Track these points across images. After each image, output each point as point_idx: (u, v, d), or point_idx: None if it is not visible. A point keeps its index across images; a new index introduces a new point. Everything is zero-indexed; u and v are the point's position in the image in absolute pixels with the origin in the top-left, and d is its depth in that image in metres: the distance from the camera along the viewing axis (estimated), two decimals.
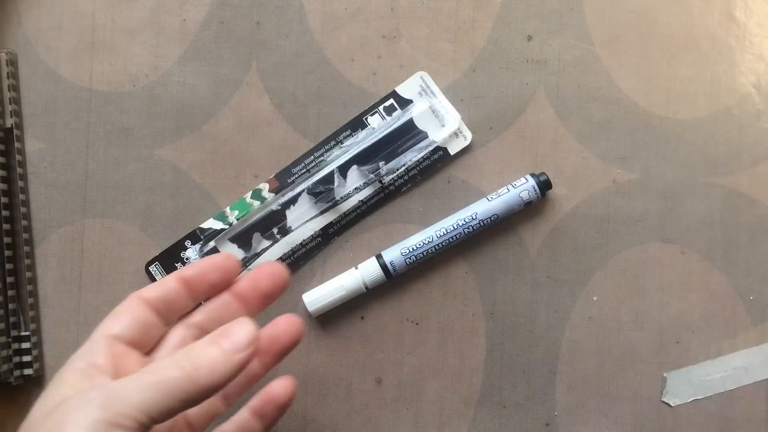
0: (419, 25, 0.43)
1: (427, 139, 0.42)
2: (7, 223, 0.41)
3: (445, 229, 0.40)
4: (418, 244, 0.40)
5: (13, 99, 0.42)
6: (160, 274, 0.42)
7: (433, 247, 0.40)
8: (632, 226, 0.43)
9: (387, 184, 0.42)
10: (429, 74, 0.42)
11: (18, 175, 0.41)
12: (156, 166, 0.43)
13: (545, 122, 0.43)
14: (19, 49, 0.43)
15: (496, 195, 0.40)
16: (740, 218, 0.43)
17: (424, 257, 0.40)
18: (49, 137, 0.43)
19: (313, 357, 0.42)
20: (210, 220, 0.42)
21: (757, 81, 0.43)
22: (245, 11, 0.43)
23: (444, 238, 0.40)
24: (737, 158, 0.43)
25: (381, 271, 0.40)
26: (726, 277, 0.42)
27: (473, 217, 0.40)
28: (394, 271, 0.40)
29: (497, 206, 0.40)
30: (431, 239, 0.40)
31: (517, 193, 0.40)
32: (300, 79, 0.43)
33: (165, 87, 0.43)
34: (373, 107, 0.42)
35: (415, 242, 0.40)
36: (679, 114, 0.43)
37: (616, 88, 0.43)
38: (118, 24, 0.43)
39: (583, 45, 0.43)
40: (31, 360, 0.41)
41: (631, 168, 0.43)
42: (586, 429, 0.42)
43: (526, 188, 0.40)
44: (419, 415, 0.42)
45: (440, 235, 0.40)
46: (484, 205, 0.40)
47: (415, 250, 0.40)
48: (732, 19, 0.43)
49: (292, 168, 0.42)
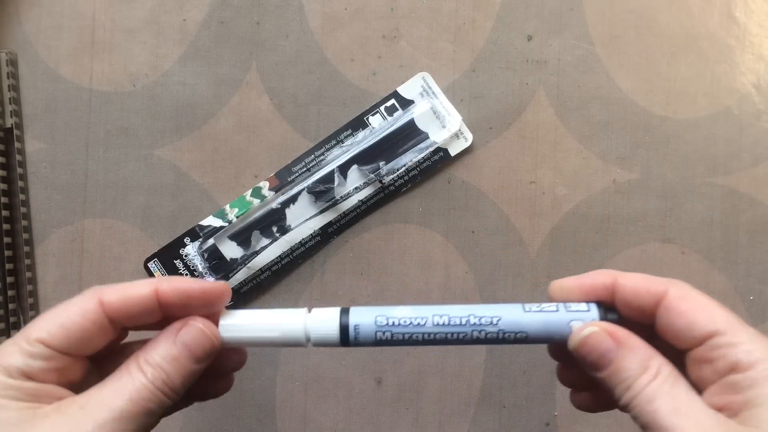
0: (419, 25, 0.43)
1: (427, 139, 0.42)
2: (7, 223, 0.41)
3: (448, 319, 0.28)
4: (404, 322, 0.28)
5: (13, 99, 0.42)
6: (158, 271, 0.42)
7: (423, 335, 0.28)
8: (632, 226, 0.43)
9: (387, 184, 0.42)
10: (429, 74, 0.42)
11: (18, 175, 0.41)
12: (156, 166, 0.43)
13: (545, 122, 0.43)
14: (19, 49, 0.43)
15: (538, 308, 0.28)
16: (740, 218, 0.43)
17: (402, 341, 0.28)
18: (49, 137, 0.43)
19: (313, 357, 0.42)
20: (209, 217, 0.42)
21: (757, 81, 0.43)
22: (245, 11, 0.43)
23: (442, 330, 0.28)
24: (737, 158, 0.43)
25: (337, 332, 0.28)
26: (726, 277, 0.42)
27: (493, 321, 0.28)
28: (354, 339, 0.28)
29: (532, 323, 0.28)
30: (424, 322, 0.28)
31: (568, 319, 0.28)
32: (300, 79, 0.43)
33: (165, 87, 0.43)
34: (374, 107, 0.42)
35: (400, 317, 0.28)
36: (679, 114, 0.43)
37: (616, 88, 0.43)
38: (118, 24, 0.43)
39: (583, 45, 0.43)
40: None
41: (631, 168, 0.43)
42: (586, 429, 0.42)
43: (583, 318, 0.28)
44: (419, 415, 0.42)
45: (439, 323, 0.28)
46: (514, 313, 0.28)
47: (395, 326, 0.28)
48: (732, 19, 0.43)
49: (292, 167, 0.42)
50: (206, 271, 0.42)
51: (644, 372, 0.25)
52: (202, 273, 0.42)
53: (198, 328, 0.27)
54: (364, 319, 0.28)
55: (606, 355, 0.26)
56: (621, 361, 0.26)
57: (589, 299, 0.28)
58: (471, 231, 0.42)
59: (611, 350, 0.26)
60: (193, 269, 0.42)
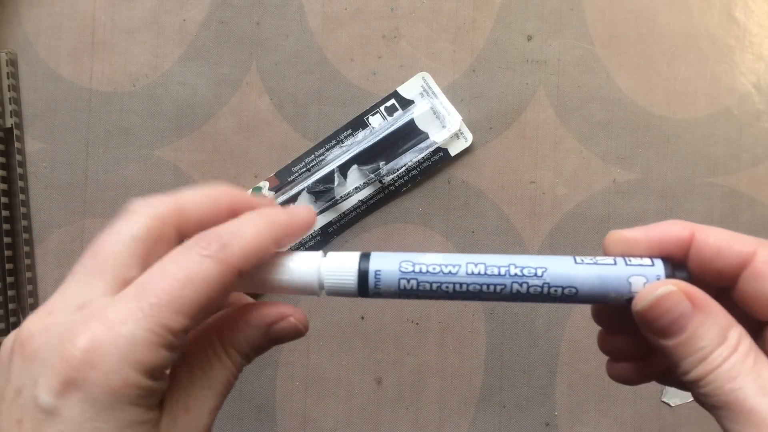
0: (419, 25, 0.43)
1: (427, 140, 0.42)
2: (7, 223, 0.41)
3: (485, 268, 0.24)
4: (433, 269, 0.24)
5: (13, 99, 0.42)
6: None
7: (454, 285, 0.24)
8: (632, 226, 0.42)
9: (387, 184, 0.42)
10: (429, 74, 0.42)
11: (18, 175, 0.41)
12: (156, 166, 0.43)
13: (545, 122, 0.43)
14: (19, 49, 0.43)
15: (592, 261, 0.24)
16: (740, 218, 0.43)
17: (430, 291, 0.25)
18: (49, 137, 0.43)
19: (313, 357, 0.42)
20: None
21: (757, 81, 0.43)
22: (245, 11, 0.43)
23: (476, 281, 0.24)
24: (737, 158, 0.43)
25: (355, 279, 0.25)
26: None
27: (537, 273, 0.24)
28: (374, 288, 0.25)
29: (584, 277, 0.24)
30: (456, 270, 0.24)
31: (628, 274, 0.24)
32: (300, 79, 0.43)
33: (165, 87, 0.43)
34: (374, 107, 0.42)
35: (429, 263, 0.25)
36: (679, 114, 0.43)
37: (616, 88, 0.43)
38: (118, 24, 0.43)
39: (583, 45, 0.43)
40: None
41: (631, 168, 0.43)
42: (586, 429, 0.42)
43: (645, 275, 0.24)
44: (419, 415, 0.42)
45: (474, 272, 0.24)
46: (563, 265, 0.24)
47: (422, 273, 0.24)
48: (732, 19, 0.43)
49: (292, 167, 0.42)
50: None
51: (723, 342, 0.22)
52: None
53: (294, 326, 0.24)
54: (386, 264, 0.25)
55: (680, 320, 0.22)
56: (698, 327, 0.22)
57: (654, 256, 0.24)
58: (471, 231, 0.42)
59: (687, 314, 0.22)
60: None
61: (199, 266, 0.21)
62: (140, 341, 0.19)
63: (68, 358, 0.19)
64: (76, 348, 0.19)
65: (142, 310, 0.20)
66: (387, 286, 0.25)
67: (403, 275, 0.24)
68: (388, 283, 0.25)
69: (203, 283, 0.21)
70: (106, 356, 0.19)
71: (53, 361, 0.19)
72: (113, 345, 0.19)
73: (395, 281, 0.25)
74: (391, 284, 0.25)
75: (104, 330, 0.19)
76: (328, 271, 0.25)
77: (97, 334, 0.19)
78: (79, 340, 0.19)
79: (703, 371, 0.22)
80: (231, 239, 0.22)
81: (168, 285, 0.20)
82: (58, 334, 0.20)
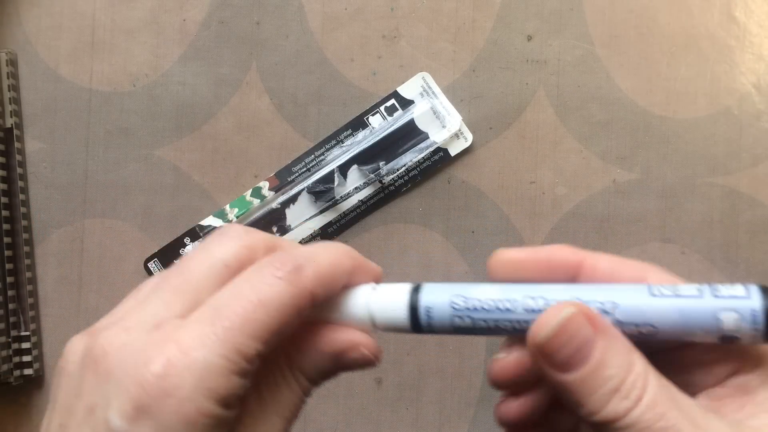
0: (419, 25, 0.43)
1: (427, 140, 0.42)
2: (7, 223, 0.41)
3: (544, 303, 0.21)
4: (488, 305, 0.22)
5: (13, 99, 0.42)
6: (158, 270, 0.42)
7: (513, 323, 0.22)
8: (632, 226, 0.43)
9: (387, 184, 0.42)
10: (429, 74, 0.42)
11: (18, 175, 0.41)
12: (156, 166, 0.43)
13: (545, 122, 0.43)
14: (19, 49, 0.43)
15: (671, 292, 0.21)
16: (740, 218, 0.43)
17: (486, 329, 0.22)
18: (49, 137, 0.43)
19: None
20: (210, 217, 0.42)
21: (757, 81, 0.43)
22: (245, 11, 0.43)
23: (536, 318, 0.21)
24: (737, 158, 0.43)
25: (407, 315, 0.23)
26: (726, 277, 0.42)
27: (606, 308, 0.21)
28: (427, 325, 0.23)
29: (663, 313, 0.20)
30: (514, 307, 0.21)
31: (716, 308, 0.20)
32: (300, 79, 0.43)
33: (165, 87, 0.43)
34: (374, 107, 0.42)
35: (483, 299, 0.22)
36: (679, 114, 0.43)
37: (616, 88, 0.43)
38: (118, 24, 0.43)
39: (583, 45, 0.43)
40: (31, 360, 0.41)
41: (631, 168, 0.43)
42: None
43: (737, 309, 0.20)
44: (419, 415, 0.42)
45: (533, 308, 0.21)
46: (637, 298, 0.21)
47: (476, 310, 0.22)
48: (732, 19, 0.43)
49: (292, 167, 0.42)
50: None
51: (632, 370, 0.19)
52: None
53: (364, 357, 0.23)
54: (437, 299, 0.22)
55: (584, 348, 0.19)
56: (604, 353, 0.19)
57: (540, 280, 0.22)
58: (471, 231, 0.42)
59: (590, 339, 0.19)
60: None
61: (273, 288, 0.20)
62: (214, 368, 0.19)
63: (143, 383, 0.18)
64: (151, 373, 0.18)
65: (216, 334, 0.19)
66: (441, 325, 0.22)
67: (456, 312, 0.22)
68: (441, 322, 0.22)
69: (277, 306, 0.20)
70: (180, 383, 0.18)
71: (127, 384, 0.19)
72: (188, 371, 0.18)
73: (448, 319, 0.22)
74: (444, 322, 0.22)
75: (179, 355, 0.19)
76: (377, 306, 0.23)
77: (171, 360, 0.19)
78: (154, 364, 0.19)
79: (622, 408, 0.19)
80: (305, 262, 0.21)
81: (241, 308, 0.20)
82: (134, 355, 0.19)
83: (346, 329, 0.23)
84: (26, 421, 0.42)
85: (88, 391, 0.19)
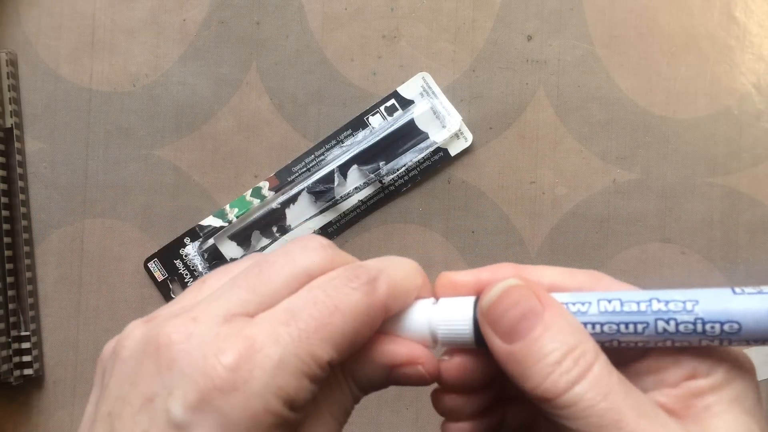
0: (419, 25, 0.43)
1: (427, 140, 0.42)
2: (7, 223, 0.41)
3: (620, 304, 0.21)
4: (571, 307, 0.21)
5: (13, 99, 0.42)
6: (158, 271, 0.42)
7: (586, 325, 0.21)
8: (632, 226, 0.43)
9: (387, 184, 0.42)
10: (429, 74, 0.42)
11: (18, 175, 0.41)
12: (156, 166, 0.43)
13: (545, 122, 0.43)
14: (19, 49, 0.43)
15: (756, 290, 0.20)
16: (740, 218, 0.43)
17: None
18: (49, 137, 0.43)
19: None
20: (209, 217, 0.42)
21: (757, 81, 0.43)
22: (245, 11, 0.43)
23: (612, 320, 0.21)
24: (737, 158, 0.43)
25: (471, 330, 0.22)
26: (726, 277, 0.42)
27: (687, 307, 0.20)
28: None
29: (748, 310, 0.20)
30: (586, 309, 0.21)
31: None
32: (300, 79, 0.43)
33: (165, 87, 0.43)
34: (374, 107, 0.42)
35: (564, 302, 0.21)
36: (679, 114, 0.43)
37: (616, 88, 0.43)
38: (118, 24, 0.43)
39: (583, 45, 0.43)
40: (31, 360, 0.41)
41: (631, 168, 0.43)
42: None
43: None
44: (419, 415, 0.42)
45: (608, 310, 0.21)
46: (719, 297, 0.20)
47: None
48: (732, 19, 0.43)
49: (292, 167, 0.42)
50: (206, 271, 0.42)
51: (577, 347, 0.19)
52: (202, 273, 0.42)
53: (420, 375, 0.22)
54: None
55: (529, 317, 0.20)
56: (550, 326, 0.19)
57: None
58: (471, 231, 0.42)
59: (537, 311, 0.20)
60: (193, 269, 0.42)
61: (349, 297, 0.20)
62: (287, 367, 0.18)
63: (211, 375, 0.18)
64: (221, 364, 0.18)
65: (290, 334, 0.19)
66: None
67: None
68: None
69: (352, 315, 0.20)
70: (250, 378, 0.18)
71: (194, 374, 0.18)
72: (260, 367, 0.18)
73: None
74: None
75: (252, 350, 0.18)
76: (439, 322, 0.22)
77: (243, 354, 0.18)
78: (226, 356, 0.18)
79: (562, 382, 0.18)
80: (379, 275, 0.21)
81: (318, 312, 0.19)
82: (202, 346, 0.18)
83: (407, 343, 0.22)
84: (25, 421, 0.42)
85: (147, 379, 0.19)
